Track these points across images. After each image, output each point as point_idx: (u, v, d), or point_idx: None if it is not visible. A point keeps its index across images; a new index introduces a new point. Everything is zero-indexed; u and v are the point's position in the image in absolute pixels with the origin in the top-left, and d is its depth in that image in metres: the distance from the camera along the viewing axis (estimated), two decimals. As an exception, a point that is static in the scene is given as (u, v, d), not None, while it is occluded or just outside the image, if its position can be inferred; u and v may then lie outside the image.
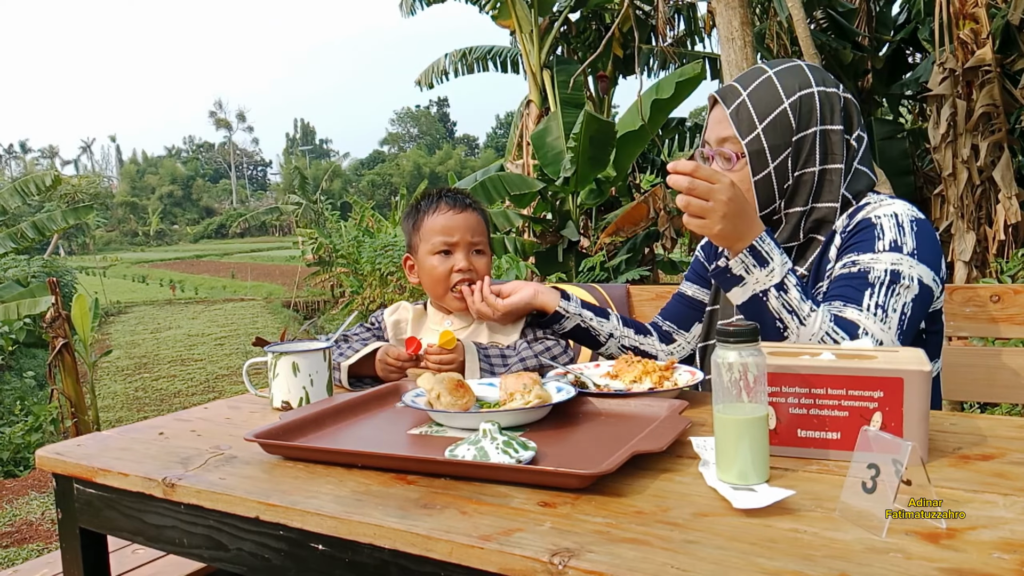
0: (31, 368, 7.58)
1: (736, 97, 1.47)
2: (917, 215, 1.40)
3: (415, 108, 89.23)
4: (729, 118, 1.46)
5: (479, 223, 1.73)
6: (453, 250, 1.69)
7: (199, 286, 19.45)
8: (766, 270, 1.28)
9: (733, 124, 1.45)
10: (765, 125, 1.44)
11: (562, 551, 0.77)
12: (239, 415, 1.45)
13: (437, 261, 1.70)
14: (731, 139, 1.46)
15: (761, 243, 1.28)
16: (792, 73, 1.47)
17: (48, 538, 3.51)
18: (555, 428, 1.22)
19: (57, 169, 40.02)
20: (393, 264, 8.72)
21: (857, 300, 1.31)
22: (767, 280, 1.28)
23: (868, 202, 1.45)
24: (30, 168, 69.45)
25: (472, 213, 1.73)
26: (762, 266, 1.28)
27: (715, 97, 1.51)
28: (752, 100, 1.45)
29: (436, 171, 51.27)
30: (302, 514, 0.94)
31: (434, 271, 1.70)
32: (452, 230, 1.69)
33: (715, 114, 1.52)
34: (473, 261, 1.70)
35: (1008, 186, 4.46)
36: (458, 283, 1.68)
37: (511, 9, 7.69)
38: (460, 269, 1.68)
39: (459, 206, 1.72)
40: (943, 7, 4.53)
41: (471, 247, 1.70)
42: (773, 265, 1.28)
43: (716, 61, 7.47)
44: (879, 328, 1.29)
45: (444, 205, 1.72)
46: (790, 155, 1.44)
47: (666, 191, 6.07)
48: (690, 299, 1.77)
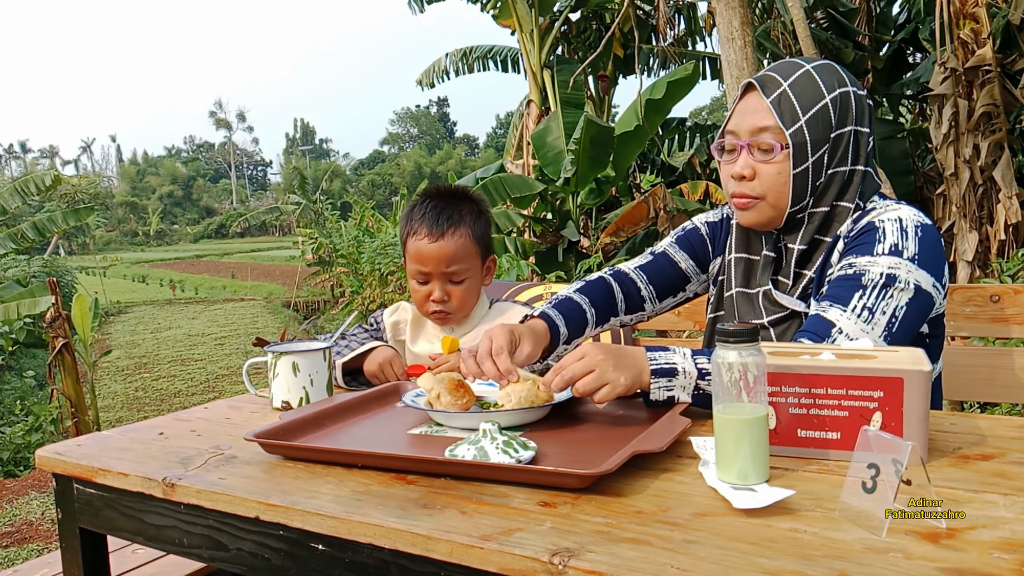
0: (31, 368, 7.58)
1: (776, 86, 1.41)
2: (923, 220, 1.38)
3: (415, 108, 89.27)
4: (771, 107, 1.39)
5: (458, 249, 1.64)
6: (428, 279, 1.67)
7: (199, 286, 19.46)
8: (680, 375, 1.23)
9: (776, 113, 1.39)
10: (808, 118, 1.39)
11: (562, 551, 0.77)
12: (239, 415, 1.45)
13: (415, 285, 1.69)
14: (772, 129, 1.39)
15: (653, 362, 1.24)
16: (829, 70, 1.44)
17: (48, 538, 3.51)
18: (555, 428, 1.22)
19: (57, 169, 40.01)
20: (393, 264, 8.72)
21: (844, 301, 1.30)
22: (688, 380, 1.24)
23: (874, 207, 1.43)
24: (30, 168, 69.49)
25: (451, 240, 1.64)
26: (672, 376, 1.23)
27: (753, 84, 1.43)
28: (794, 92, 1.40)
29: (436, 171, 51.26)
30: (302, 514, 0.94)
31: (414, 292, 1.71)
32: (426, 260, 1.64)
33: (750, 103, 1.43)
34: (449, 290, 1.66)
35: (1008, 186, 4.46)
36: (432, 312, 1.68)
37: (511, 9, 7.69)
38: (434, 299, 1.66)
39: (436, 232, 1.63)
40: (943, 7, 4.53)
41: (446, 277, 1.65)
42: (676, 364, 1.24)
43: (716, 61, 7.47)
44: (858, 328, 1.27)
45: (423, 229, 1.65)
46: (827, 151, 1.41)
47: (666, 191, 6.08)
48: (681, 270, 1.65)
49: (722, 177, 1.50)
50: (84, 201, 26.59)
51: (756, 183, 1.41)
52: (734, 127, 1.45)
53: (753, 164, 1.41)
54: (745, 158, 1.42)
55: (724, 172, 1.48)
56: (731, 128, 1.46)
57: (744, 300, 1.53)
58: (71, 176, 37.10)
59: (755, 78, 1.45)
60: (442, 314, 1.68)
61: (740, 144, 1.43)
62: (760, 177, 1.41)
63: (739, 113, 1.45)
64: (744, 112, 1.44)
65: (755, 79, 1.45)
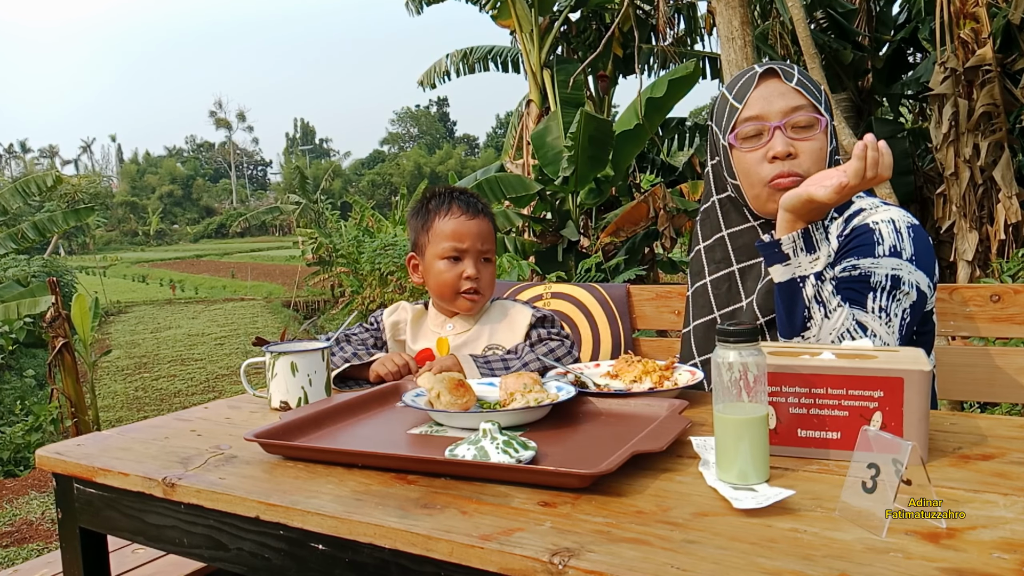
0: (31, 368, 7.58)
1: (791, 73, 1.45)
2: (912, 221, 1.41)
3: (415, 108, 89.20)
4: (798, 88, 1.43)
5: (490, 230, 1.72)
6: (463, 256, 1.68)
7: (199, 286, 19.45)
8: (811, 257, 1.29)
9: (805, 92, 1.42)
10: (824, 100, 1.45)
11: (562, 551, 0.77)
12: (239, 415, 1.45)
13: (445, 266, 1.68)
14: (806, 106, 1.42)
15: (815, 230, 1.29)
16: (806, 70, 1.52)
17: (48, 538, 3.51)
18: (555, 428, 1.22)
19: (57, 169, 40.06)
20: (393, 264, 8.71)
21: (861, 303, 1.32)
22: (809, 267, 1.29)
23: (861, 207, 1.45)
24: (30, 168, 69.41)
25: (484, 219, 1.71)
26: (809, 252, 1.29)
27: (774, 70, 1.46)
28: (805, 78, 1.46)
29: (436, 171, 51.24)
30: (302, 514, 0.94)
31: (441, 275, 1.69)
32: (464, 236, 1.68)
33: (771, 87, 1.44)
34: (481, 269, 1.69)
35: (1008, 185, 4.47)
36: (466, 291, 1.68)
37: (511, 9, 7.69)
38: (469, 276, 1.67)
39: (471, 211, 1.70)
40: (943, 7, 4.53)
41: (480, 255, 1.69)
42: (819, 254, 1.29)
43: (716, 61, 7.47)
44: (885, 331, 1.30)
45: (457, 208, 1.69)
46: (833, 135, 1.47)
47: (666, 191, 6.07)
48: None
49: (745, 166, 1.48)
50: (84, 201, 26.56)
51: (801, 160, 1.42)
52: (760, 111, 1.44)
53: (792, 142, 1.42)
54: (782, 137, 1.42)
55: (750, 160, 1.46)
56: (756, 113, 1.45)
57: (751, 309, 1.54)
58: (71, 176, 37.07)
59: (768, 68, 1.47)
60: (474, 293, 1.68)
61: (772, 126, 1.42)
62: (803, 154, 1.42)
63: (762, 98, 1.44)
64: (768, 96, 1.44)
65: (772, 67, 1.47)
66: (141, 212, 55.07)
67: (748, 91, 1.46)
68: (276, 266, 23.42)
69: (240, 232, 50.07)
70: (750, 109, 1.45)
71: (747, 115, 1.45)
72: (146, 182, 69.32)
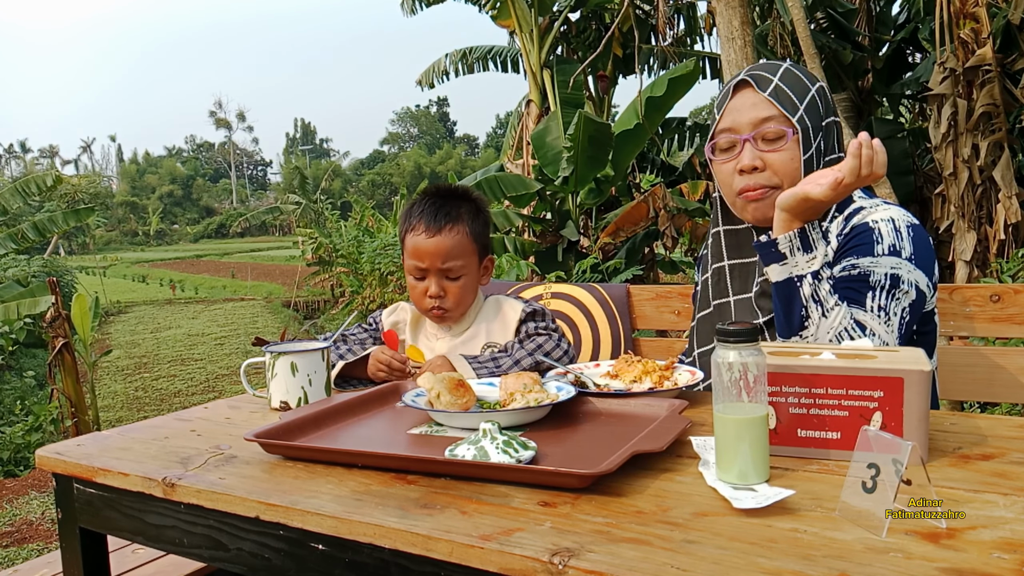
0: (31, 368, 7.58)
1: (768, 81, 1.44)
2: (912, 221, 1.40)
3: (415, 108, 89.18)
4: (769, 98, 1.43)
5: (455, 245, 1.65)
6: (425, 275, 1.67)
7: (199, 286, 19.45)
8: (808, 256, 1.29)
9: (776, 103, 1.42)
10: (805, 105, 1.43)
11: (562, 551, 0.77)
12: (239, 415, 1.45)
13: (412, 281, 1.69)
14: (776, 117, 1.42)
15: (812, 229, 1.29)
16: (801, 68, 1.49)
17: (48, 538, 3.51)
18: (555, 428, 1.22)
19: (57, 169, 40.01)
20: (393, 264, 8.71)
21: (860, 302, 1.32)
22: (806, 266, 1.29)
23: (861, 206, 1.45)
24: (30, 168, 69.40)
25: (447, 236, 1.64)
26: (806, 251, 1.29)
27: (746, 81, 1.46)
28: (786, 83, 1.44)
29: (436, 171, 51.22)
30: (302, 514, 0.94)
31: (412, 289, 1.71)
32: (423, 255, 1.65)
33: (744, 98, 1.46)
34: (445, 286, 1.66)
35: (1008, 185, 4.46)
36: (429, 309, 1.69)
37: (511, 9, 7.68)
38: (430, 295, 1.67)
39: (434, 227, 1.64)
40: (943, 7, 4.53)
41: (442, 273, 1.66)
42: (816, 253, 1.29)
43: (716, 61, 7.47)
44: (884, 330, 1.30)
45: (420, 224, 1.66)
46: (822, 139, 1.45)
47: (666, 191, 6.07)
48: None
49: (721, 177, 1.50)
50: (84, 201, 26.57)
51: (768, 173, 1.43)
52: (731, 124, 1.46)
53: (760, 155, 1.42)
54: (751, 150, 1.43)
55: (724, 171, 1.48)
56: (727, 125, 1.46)
57: (741, 305, 1.54)
58: (71, 176, 37.03)
59: (743, 77, 1.47)
60: (439, 311, 1.68)
61: (742, 138, 1.44)
62: (771, 166, 1.42)
63: (735, 110, 1.46)
64: (740, 108, 1.45)
65: (746, 76, 1.47)
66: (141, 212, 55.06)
67: (724, 102, 1.49)
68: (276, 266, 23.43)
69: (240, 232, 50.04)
70: (724, 121, 1.48)
71: (722, 127, 1.48)
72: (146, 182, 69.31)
